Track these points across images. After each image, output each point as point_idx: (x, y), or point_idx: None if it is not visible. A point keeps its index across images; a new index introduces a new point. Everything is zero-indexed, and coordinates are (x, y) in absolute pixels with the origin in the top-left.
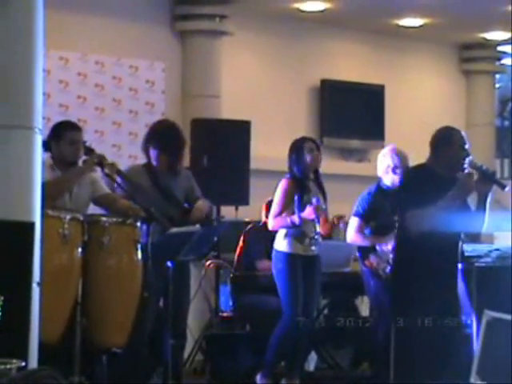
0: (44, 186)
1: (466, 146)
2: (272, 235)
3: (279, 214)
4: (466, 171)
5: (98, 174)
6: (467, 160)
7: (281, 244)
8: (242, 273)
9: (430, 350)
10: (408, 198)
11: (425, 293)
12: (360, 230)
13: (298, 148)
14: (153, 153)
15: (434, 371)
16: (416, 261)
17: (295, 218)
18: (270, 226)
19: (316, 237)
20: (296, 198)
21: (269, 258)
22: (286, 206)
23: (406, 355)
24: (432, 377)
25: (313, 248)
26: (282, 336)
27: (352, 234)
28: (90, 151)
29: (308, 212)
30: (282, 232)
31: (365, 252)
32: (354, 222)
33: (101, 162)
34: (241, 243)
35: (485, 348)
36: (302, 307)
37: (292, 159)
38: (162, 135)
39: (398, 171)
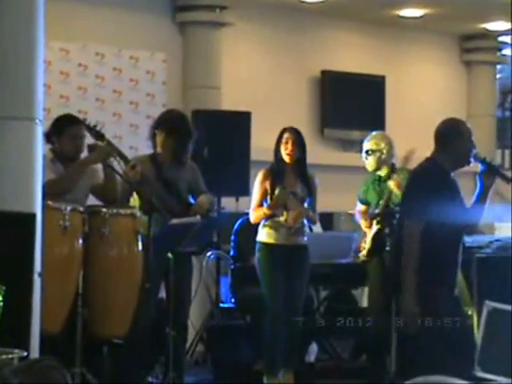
0: (52, 183)
1: (473, 138)
2: None
3: (258, 205)
4: (472, 164)
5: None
6: (473, 153)
7: (259, 234)
8: (241, 265)
9: (432, 343)
10: (422, 196)
11: (428, 288)
12: (358, 210)
13: (277, 138)
14: (159, 139)
15: (438, 364)
16: (421, 255)
17: (264, 209)
18: (251, 220)
19: (297, 226)
20: (268, 188)
21: None
22: (262, 197)
23: (407, 348)
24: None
25: (295, 238)
26: (269, 330)
27: (355, 211)
28: (100, 136)
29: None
30: (261, 222)
31: None
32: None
33: (109, 155)
34: (232, 237)
35: (486, 339)
36: (288, 301)
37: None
38: (171, 121)
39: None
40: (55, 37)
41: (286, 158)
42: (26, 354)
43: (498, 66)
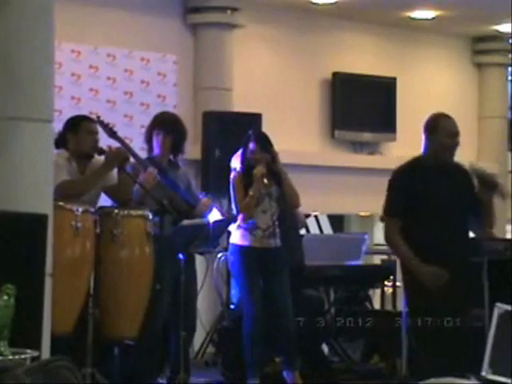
0: (67, 185)
1: (453, 133)
2: None
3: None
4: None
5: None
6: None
7: (233, 236)
8: None
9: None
10: (397, 192)
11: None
12: None
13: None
14: (157, 139)
15: (449, 365)
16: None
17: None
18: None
19: (271, 229)
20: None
21: None
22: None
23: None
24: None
25: (269, 241)
26: (247, 333)
27: None
28: (113, 133)
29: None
30: (235, 224)
31: None
32: None
33: (125, 160)
34: None
35: (496, 341)
36: (267, 304)
37: None
38: (169, 122)
39: None
40: (66, 38)
41: (255, 162)
42: (37, 354)
43: (510, 68)
